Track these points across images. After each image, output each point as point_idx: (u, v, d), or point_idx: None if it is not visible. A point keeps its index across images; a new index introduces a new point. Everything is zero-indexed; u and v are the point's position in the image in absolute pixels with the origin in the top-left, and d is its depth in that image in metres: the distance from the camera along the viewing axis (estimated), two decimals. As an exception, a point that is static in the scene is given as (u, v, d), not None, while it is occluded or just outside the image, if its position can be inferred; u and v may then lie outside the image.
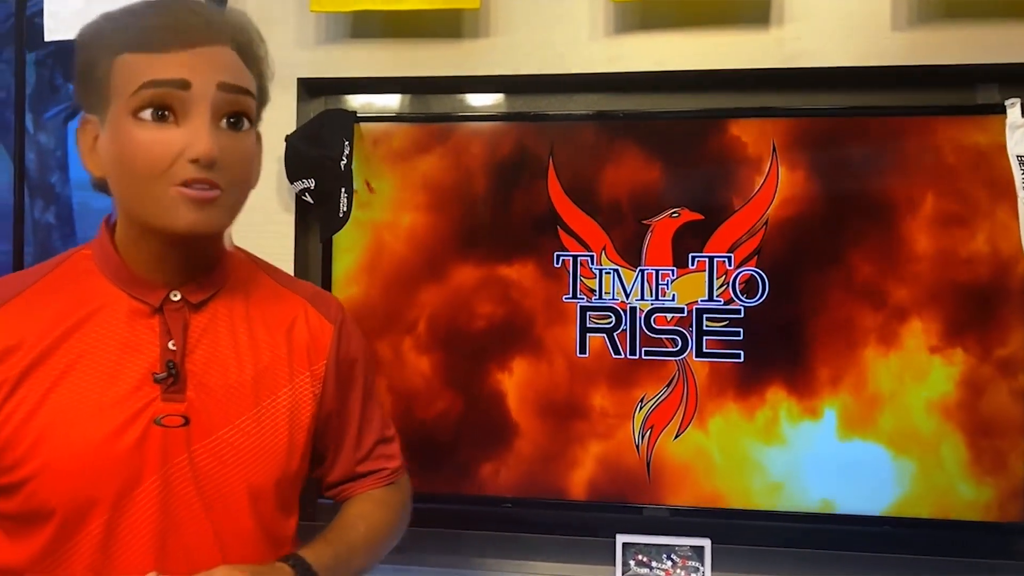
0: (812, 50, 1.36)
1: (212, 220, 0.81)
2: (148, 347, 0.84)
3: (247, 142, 0.84)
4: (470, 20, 1.43)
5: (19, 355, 0.81)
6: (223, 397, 0.86)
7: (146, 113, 0.78)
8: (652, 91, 1.45)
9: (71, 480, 0.80)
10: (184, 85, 0.78)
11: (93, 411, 0.81)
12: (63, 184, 1.57)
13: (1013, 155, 1.30)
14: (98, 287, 0.85)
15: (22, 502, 0.81)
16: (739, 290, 1.37)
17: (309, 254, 1.50)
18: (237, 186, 0.83)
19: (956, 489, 1.32)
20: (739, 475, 1.37)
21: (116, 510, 0.81)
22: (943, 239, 1.33)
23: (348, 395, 0.98)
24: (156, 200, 0.79)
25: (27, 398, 0.80)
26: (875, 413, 1.34)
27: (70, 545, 0.81)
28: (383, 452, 1.03)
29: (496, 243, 1.42)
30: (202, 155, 0.77)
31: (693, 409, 1.38)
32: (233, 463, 0.85)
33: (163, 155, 0.78)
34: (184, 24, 0.79)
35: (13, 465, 0.80)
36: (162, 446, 0.83)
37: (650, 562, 1.40)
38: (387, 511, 1.01)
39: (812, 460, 1.35)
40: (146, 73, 0.78)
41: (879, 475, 1.33)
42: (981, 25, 1.32)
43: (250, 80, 0.84)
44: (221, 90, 0.80)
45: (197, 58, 0.79)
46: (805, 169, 1.36)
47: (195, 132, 0.78)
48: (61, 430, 0.80)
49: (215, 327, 0.87)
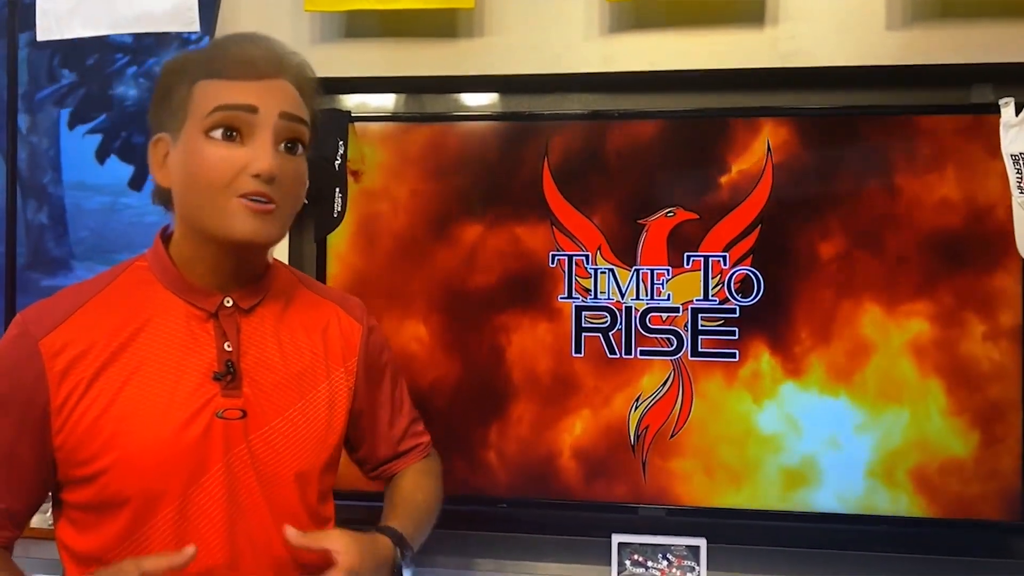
0: (807, 50, 1.36)
1: (268, 230, 0.91)
2: (206, 348, 0.93)
3: (300, 165, 0.94)
4: (465, 20, 1.43)
5: (90, 359, 0.90)
6: (273, 392, 0.96)
7: (217, 132, 0.89)
8: (647, 91, 1.45)
9: (144, 471, 0.89)
10: (252, 110, 0.90)
11: (161, 408, 0.90)
12: (55, 184, 1.56)
13: (1007, 154, 1.30)
14: (156, 295, 0.95)
15: (97, 492, 0.89)
16: (734, 289, 1.37)
17: (304, 255, 1.50)
18: (290, 203, 0.93)
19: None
20: (735, 474, 1.37)
21: (186, 497, 0.90)
22: (939, 233, 1.33)
23: (379, 385, 1.10)
24: (220, 209, 0.89)
25: (99, 398, 0.89)
26: (874, 405, 1.34)
27: (145, 530, 0.90)
28: (415, 430, 1.16)
29: (491, 242, 1.42)
30: (264, 171, 0.88)
31: (688, 409, 1.38)
32: (284, 450, 0.95)
33: (229, 169, 0.89)
34: (255, 58, 0.91)
35: (88, 459, 0.89)
36: (224, 437, 0.92)
37: (646, 562, 1.40)
38: (433, 479, 1.15)
39: (809, 460, 1.35)
40: (221, 98, 0.90)
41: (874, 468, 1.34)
42: (975, 25, 1.32)
43: (306, 112, 0.95)
44: (282, 118, 0.91)
45: (264, 88, 0.91)
46: (800, 168, 1.36)
47: (259, 151, 0.89)
48: (132, 426, 0.89)
49: (263, 329, 0.98)
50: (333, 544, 0.90)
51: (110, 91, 1.54)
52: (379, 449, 1.12)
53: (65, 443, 0.89)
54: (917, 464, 1.33)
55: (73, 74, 1.53)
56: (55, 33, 1.35)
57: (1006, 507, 1.31)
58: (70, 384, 0.89)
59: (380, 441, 1.11)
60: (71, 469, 0.90)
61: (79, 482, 0.90)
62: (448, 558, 1.43)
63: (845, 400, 1.35)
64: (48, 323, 0.90)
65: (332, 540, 0.90)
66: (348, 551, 0.89)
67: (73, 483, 0.91)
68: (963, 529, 1.35)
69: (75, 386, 0.89)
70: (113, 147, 1.54)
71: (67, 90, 1.52)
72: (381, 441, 1.12)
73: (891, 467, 1.34)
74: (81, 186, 1.61)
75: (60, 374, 0.89)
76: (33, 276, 1.61)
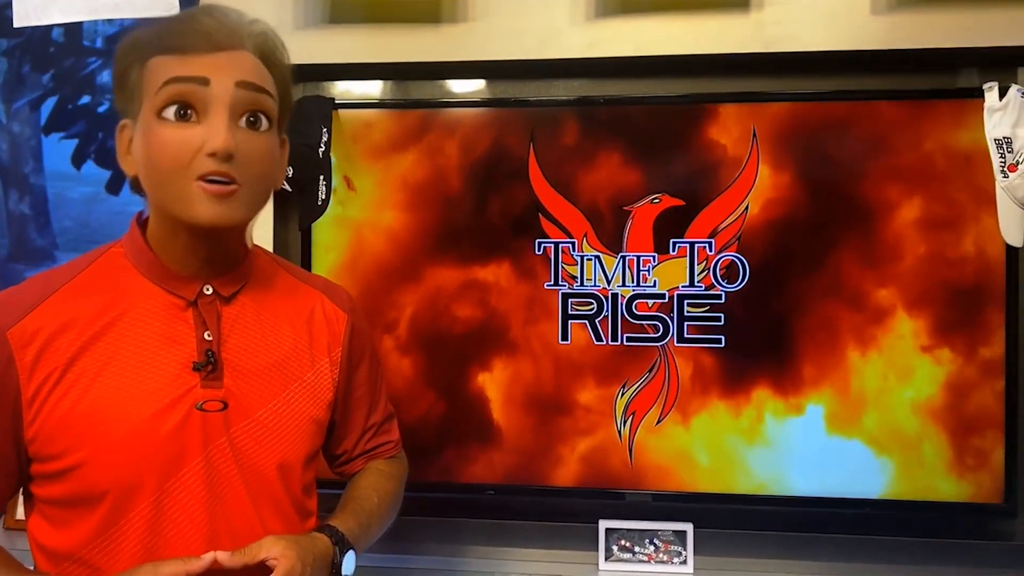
0: (792, 34, 1.36)
1: (231, 213, 0.85)
2: (185, 338, 0.89)
3: (265, 140, 0.88)
4: (449, 5, 1.42)
5: (62, 349, 0.86)
6: (256, 382, 0.92)
7: (169, 112, 0.83)
8: (633, 76, 1.45)
9: (118, 465, 0.85)
10: (204, 82, 0.83)
11: (136, 399, 0.86)
12: (37, 174, 1.54)
13: (991, 138, 1.31)
14: (133, 282, 0.90)
15: (70, 487, 0.86)
16: (720, 275, 1.37)
17: (289, 243, 1.49)
18: (256, 182, 0.87)
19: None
20: (721, 459, 1.38)
21: (163, 491, 0.87)
22: (924, 223, 1.34)
23: (360, 377, 1.06)
24: (180, 194, 0.84)
25: (72, 389, 0.85)
26: (858, 405, 1.35)
27: (121, 524, 0.86)
28: (386, 427, 1.12)
29: (477, 232, 1.41)
30: (219, 148, 0.82)
31: (675, 395, 1.38)
32: (267, 442, 0.92)
33: (184, 150, 0.83)
34: (207, 30, 0.85)
35: (61, 452, 0.85)
36: (203, 429, 0.88)
37: (633, 547, 1.40)
38: (393, 482, 1.10)
39: (792, 442, 1.36)
40: (170, 72, 0.84)
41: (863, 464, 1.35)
42: (961, 9, 1.32)
43: (270, 82, 0.88)
44: (240, 88, 0.85)
45: (218, 60, 0.85)
46: (785, 154, 1.36)
47: (213, 128, 0.83)
48: (106, 418, 0.85)
49: (244, 318, 0.94)
50: (269, 552, 0.85)
51: (84, 97, 1.51)
52: (348, 442, 1.08)
53: (38, 435, 0.85)
54: (902, 447, 1.34)
55: (47, 77, 1.50)
56: (32, 20, 1.33)
57: (988, 490, 1.33)
58: (41, 375, 0.85)
59: (353, 434, 1.07)
60: (44, 463, 0.86)
61: (52, 476, 0.87)
62: (436, 545, 1.43)
63: (830, 386, 1.35)
64: (17, 312, 0.86)
65: (267, 548, 0.86)
66: (285, 555, 0.85)
67: (45, 477, 0.87)
68: (946, 511, 1.36)
69: (47, 377, 0.85)
70: (89, 152, 1.52)
71: (41, 97, 1.49)
72: (354, 434, 1.07)
73: (879, 449, 1.35)
74: (64, 177, 1.59)
75: (31, 365, 0.85)
76: (16, 267, 1.60)
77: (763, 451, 1.37)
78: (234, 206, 0.85)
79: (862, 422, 1.35)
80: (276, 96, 0.89)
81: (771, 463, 1.37)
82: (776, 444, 1.36)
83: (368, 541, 1.01)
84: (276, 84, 0.89)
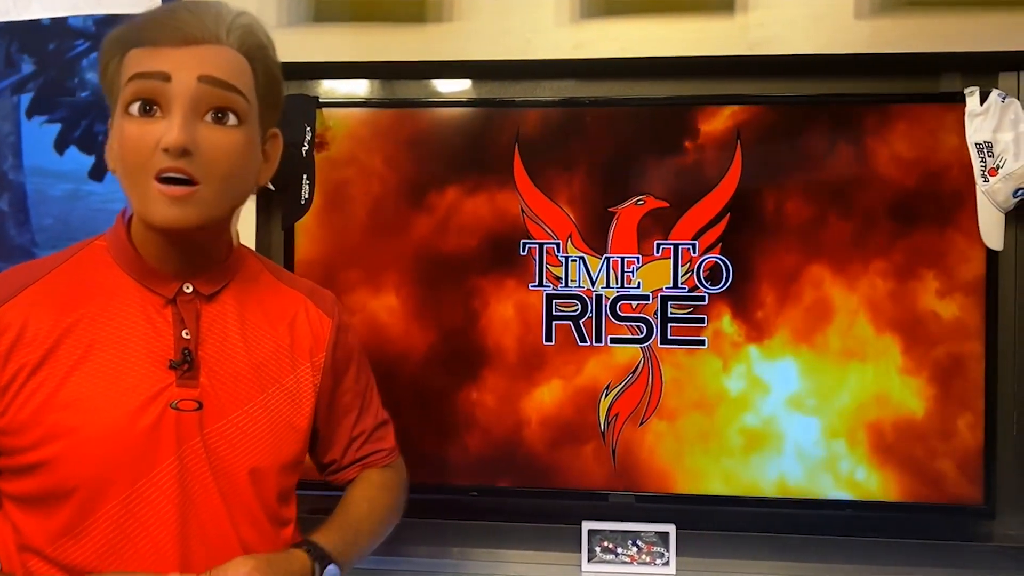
0: (776, 38, 1.36)
1: (187, 215, 0.83)
2: (162, 336, 0.88)
3: (232, 137, 0.85)
4: (434, 5, 1.41)
5: (38, 340, 0.85)
6: (233, 383, 0.91)
7: (134, 107, 0.82)
8: (617, 78, 1.45)
9: (90, 460, 0.84)
10: (165, 77, 0.81)
11: (110, 395, 0.85)
12: (16, 171, 1.52)
13: (971, 142, 1.32)
14: (113, 277, 0.89)
15: (41, 483, 0.84)
16: (704, 277, 1.37)
17: (272, 243, 1.48)
18: (218, 180, 0.84)
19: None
20: (703, 461, 1.38)
21: (134, 490, 0.85)
22: (906, 225, 1.34)
23: (346, 384, 1.04)
24: (142, 193, 0.82)
25: (46, 381, 0.84)
26: (841, 408, 1.36)
27: (89, 522, 0.85)
28: (379, 435, 1.09)
29: (460, 230, 1.41)
30: (171, 144, 0.80)
31: (658, 396, 1.38)
32: (241, 446, 0.90)
33: (144, 147, 0.81)
34: (180, 22, 0.83)
35: (31, 445, 0.84)
36: (176, 429, 0.87)
37: (616, 548, 1.40)
38: (387, 493, 1.07)
39: (774, 444, 1.37)
40: (138, 67, 0.82)
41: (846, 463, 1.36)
42: (944, 14, 1.33)
43: (245, 79, 0.86)
44: (203, 83, 0.82)
45: (186, 54, 0.82)
46: (769, 156, 1.37)
47: (170, 122, 0.81)
48: (79, 413, 0.84)
49: (224, 318, 0.92)
50: (236, 573, 0.82)
51: (70, 80, 1.49)
52: (336, 450, 1.05)
53: (8, 426, 0.84)
54: (884, 449, 1.35)
55: (32, 61, 1.49)
56: (11, 14, 1.32)
57: (968, 491, 1.34)
58: (15, 366, 0.84)
59: (341, 442, 1.05)
60: (12, 456, 0.85)
61: (20, 471, 0.85)
62: (419, 547, 1.42)
63: (814, 389, 1.36)
64: None
65: (235, 569, 0.82)
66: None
67: (13, 472, 0.86)
68: (928, 513, 1.37)
69: (21, 367, 0.84)
70: (73, 137, 1.50)
71: (26, 79, 1.47)
72: (342, 442, 1.05)
73: (859, 451, 1.35)
74: (43, 173, 1.57)
75: (5, 355, 0.84)
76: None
77: (746, 453, 1.37)
78: (190, 208, 0.82)
79: (845, 425, 1.35)
80: (251, 91, 0.87)
81: (754, 465, 1.37)
82: (759, 446, 1.37)
83: (359, 553, 0.99)
84: (261, 79, 0.88)
